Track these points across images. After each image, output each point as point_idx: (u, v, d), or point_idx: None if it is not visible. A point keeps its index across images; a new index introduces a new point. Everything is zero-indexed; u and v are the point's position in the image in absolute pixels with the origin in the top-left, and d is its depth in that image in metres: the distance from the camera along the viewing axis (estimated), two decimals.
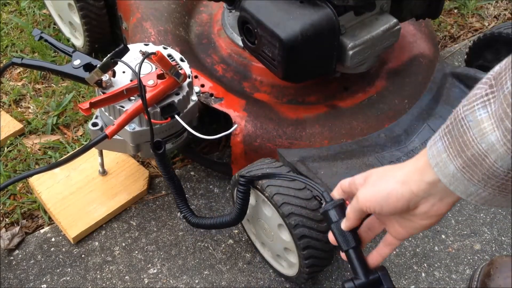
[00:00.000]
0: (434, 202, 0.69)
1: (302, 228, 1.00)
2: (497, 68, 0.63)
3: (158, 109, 1.06)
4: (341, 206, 0.80)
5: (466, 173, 0.63)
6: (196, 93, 1.15)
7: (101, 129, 1.13)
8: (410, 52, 1.36)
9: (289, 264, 1.11)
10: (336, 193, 0.81)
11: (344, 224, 0.78)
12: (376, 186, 0.72)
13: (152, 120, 1.06)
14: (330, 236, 0.80)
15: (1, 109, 1.47)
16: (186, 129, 1.09)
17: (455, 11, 1.77)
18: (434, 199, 0.69)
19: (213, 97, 1.23)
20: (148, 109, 1.05)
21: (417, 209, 0.70)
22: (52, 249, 1.21)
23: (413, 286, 1.16)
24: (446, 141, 0.65)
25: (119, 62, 1.01)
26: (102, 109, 1.11)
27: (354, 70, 1.20)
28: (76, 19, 1.51)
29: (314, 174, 1.13)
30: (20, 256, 1.20)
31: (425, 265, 1.19)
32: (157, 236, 1.23)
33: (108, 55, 1.00)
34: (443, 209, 0.70)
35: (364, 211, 0.75)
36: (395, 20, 1.17)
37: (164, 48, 1.16)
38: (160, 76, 1.06)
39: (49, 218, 1.26)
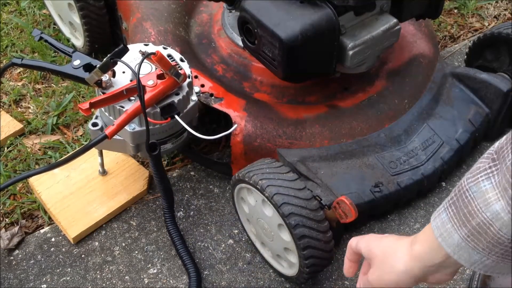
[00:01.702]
0: (440, 276, 0.75)
1: (302, 228, 1.00)
2: (497, 144, 0.67)
3: (158, 109, 1.06)
4: None
5: (471, 242, 0.67)
6: (196, 93, 1.15)
7: (101, 129, 1.13)
8: (410, 52, 1.36)
9: (289, 264, 1.11)
10: (348, 254, 0.87)
11: None
12: (383, 276, 0.79)
13: (152, 120, 1.06)
14: None
15: (1, 109, 1.47)
16: (186, 129, 1.09)
17: (455, 11, 1.77)
18: (440, 273, 0.75)
19: (213, 97, 1.23)
20: (148, 109, 1.05)
21: (427, 281, 0.77)
22: (52, 249, 1.21)
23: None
24: (451, 212, 0.69)
25: (119, 62, 1.01)
26: (102, 109, 1.11)
27: (354, 70, 1.20)
28: (76, 19, 1.52)
29: (314, 174, 1.13)
30: (20, 256, 1.20)
31: None
32: (157, 236, 1.23)
33: (108, 55, 1.00)
34: (448, 278, 0.75)
35: None
36: (395, 20, 1.17)
37: (164, 48, 1.16)
38: (160, 76, 1.06)
39: (49, 218, 1.26)
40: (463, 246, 0.68)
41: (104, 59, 1.00)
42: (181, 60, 1.14)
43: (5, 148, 1.39)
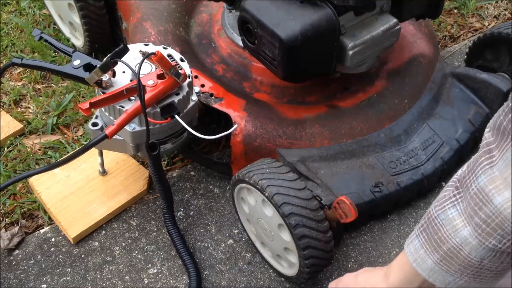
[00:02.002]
0: None
1: (302, 228, 1.00)
2: (460, 172, 0.72)
3: (158, 109, 1.06)
4: None
5: (444, 265, 0.72)
6: (196, 93, 1.15)
7: (101, 129, 1.13)
8: (410, 52, 1.36)
9: (289, 264, 1.11)
10: None
11: None
12: None
13: (152, 120, 1.06)
14: None
15: (1, 109, 1.47)
16: (186, 129, 1.09)
17: (455, 11, 1.77)
18: None
19: (213, 97, 1.23)
20: (148, 109, 1.05)
21: None
22: (52, 249, 1.21)
23: None
24: (422, 238, 0.74)
25: (119, 62, 1.01)
26: (102, 109, 1.11)
27: (354, 70, 1.20)
28: (76, 19, 1.51)
29: (314, 174, 1.13)
30: (20, 256, 1.20)
31: None
32: (157, 236, 1.23)
33: (108, 55, 1.00)
34: None
35: None
36: (395, 20, 1.17)
37: (164, 48, 1.16)
38: (160, 76, 1.06)
39: (49, 218, 1.26)
40: (437, 270, 0.73)
41: (104, 59, 1.00)
42: (181, 60, 1.14)
43: (5, 148, 1.39)
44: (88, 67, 1.07)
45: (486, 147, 0.68)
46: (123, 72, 1.10)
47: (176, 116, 1.07)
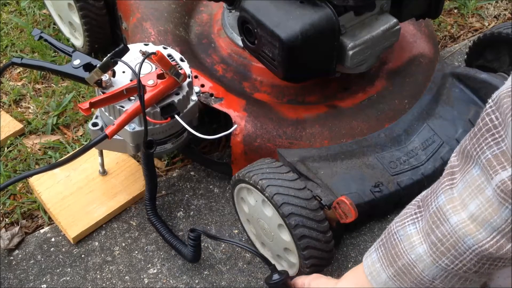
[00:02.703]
0: None
1: (302, 228, 1.00)
2: (424, 193, 0.75)
3: (158, 109, 1.06)
4: (284, 285, 0.99)
5: (397, 281, 0.73)
6: (196, 93, 1.15)
7: (101, 129, 1.13)
8: (410, 52, 1.36)
9: (289, 264, 1.11)
10: None
11: None
12: None
13: (152, 120, 1.06)
14: None
15: (1, 109, 1.47)
16: (186, 129, 1.09)
17: (455, 11, 1.77)
18: None
19: (213, 97, 1.23)
20: (148, 109, 1.05)
21: None
22: (52, 249, 1.21)
23: None
24: (380, 252, 0.76)
25: (119, 62, 1.01)
26: (102, 109, 1.11)
27: (354, 70, 1.20)
28: (76, 19, 1.51)
29: (314, 174, 1.13)
30: (20, 256, 1.20)
31: None
32: (157, 236, 1.23)
33: (108, 55, 1.00)
34: None
35: None
36: (395, 20, 1.17)
37: (164, 48, 1.16)
38: (160, 76, 1.06)
39: (49, 218, 1.26)
40: (390, 285, 0.74)
41: (104, 59, 1.00)
42: (181, 60, 1.14)
43: (5, 148, 1.39)
44: (88, 67, 1.07)
45: (449, 169, 0.71)
46: (123, 72, 1.10)
47: (176, 116, 1.07)
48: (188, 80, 1.10)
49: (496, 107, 0.64)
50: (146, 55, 0.99)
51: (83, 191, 1.27)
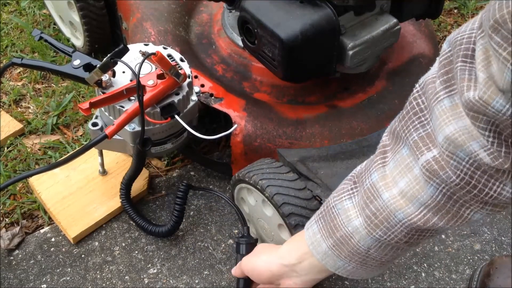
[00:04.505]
0: (295, 281, 0.86)
1: (302, 228, 1.00)
2: (358, 168, 0.79)
3: (158, 109, 1.06)
4: (252, 245, 1.01)
5: (336, 250, 0.79)
6: (196, 93, 1.15)
7: (101, 129, 1.13)
8: (410, 52, 1.36)
9: None
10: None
11: (233, 271, 0.98)
12: (252, 260, 0.93)
13: (152, 120, 1.06)
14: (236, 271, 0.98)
15: (1, 109, 1.47)
16: (186, 129, 1.09)
17: (455, 11, 1.77)
18: (291, 279, 0.86)
19: (213, 97, 1.23)
20: (148, 109, 1.05)
21: (280, 285, 0.88)
22: (52, 249, 1.21)
23: (413, 286, 1.16)
24: (320, 224, 0.81)
25: (119, 62, 1.01)
26: (102, 109, 1.11)
27: (354, 70, 1.20)
28: (76, 18, 1.51)
29: (314, 174, 1.13)
30: (20, 256, 1.20)
31: (425, 265, 1.19)
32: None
33: (108, 55, 1.00)
34: (301, 286, 0.86)
35: (245, 274, 0.94)
36: (395, 20, 1.17)
37: (164, 48, 1.16)
38: (160, 76, 1.06)
39: (49, 218, 1.26)
40: (330, 254, 0.80)
41: (104, 59, 1.00)
42: (181, 60, 1.14)
43: (5, 148, 1.39)
44: (88, 67, 1.07)
45: (382, 149, 0.75)
46: (123, 72, 1.10)
47: (176, 116, 1.07)
48: (188, 80, 1.10)
49: (422, 92, 0.70)
50: (146, 56, 0.99)
51: (83, 191, 1.27)
